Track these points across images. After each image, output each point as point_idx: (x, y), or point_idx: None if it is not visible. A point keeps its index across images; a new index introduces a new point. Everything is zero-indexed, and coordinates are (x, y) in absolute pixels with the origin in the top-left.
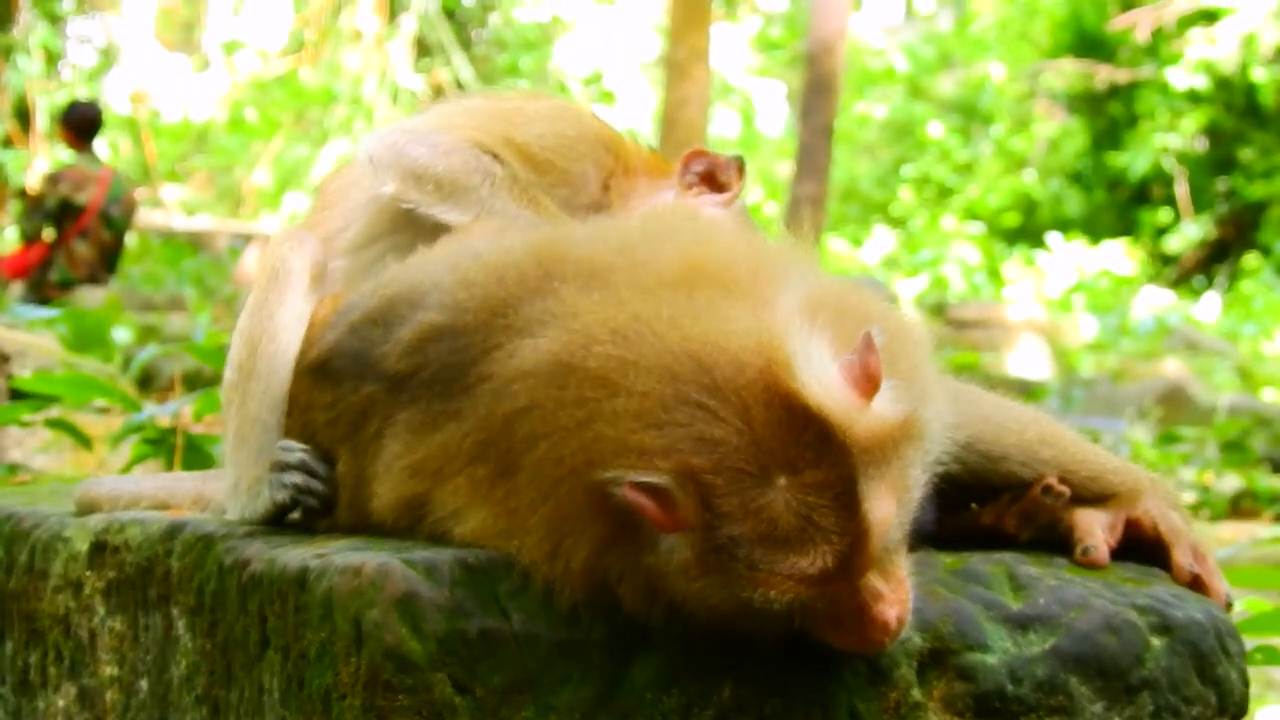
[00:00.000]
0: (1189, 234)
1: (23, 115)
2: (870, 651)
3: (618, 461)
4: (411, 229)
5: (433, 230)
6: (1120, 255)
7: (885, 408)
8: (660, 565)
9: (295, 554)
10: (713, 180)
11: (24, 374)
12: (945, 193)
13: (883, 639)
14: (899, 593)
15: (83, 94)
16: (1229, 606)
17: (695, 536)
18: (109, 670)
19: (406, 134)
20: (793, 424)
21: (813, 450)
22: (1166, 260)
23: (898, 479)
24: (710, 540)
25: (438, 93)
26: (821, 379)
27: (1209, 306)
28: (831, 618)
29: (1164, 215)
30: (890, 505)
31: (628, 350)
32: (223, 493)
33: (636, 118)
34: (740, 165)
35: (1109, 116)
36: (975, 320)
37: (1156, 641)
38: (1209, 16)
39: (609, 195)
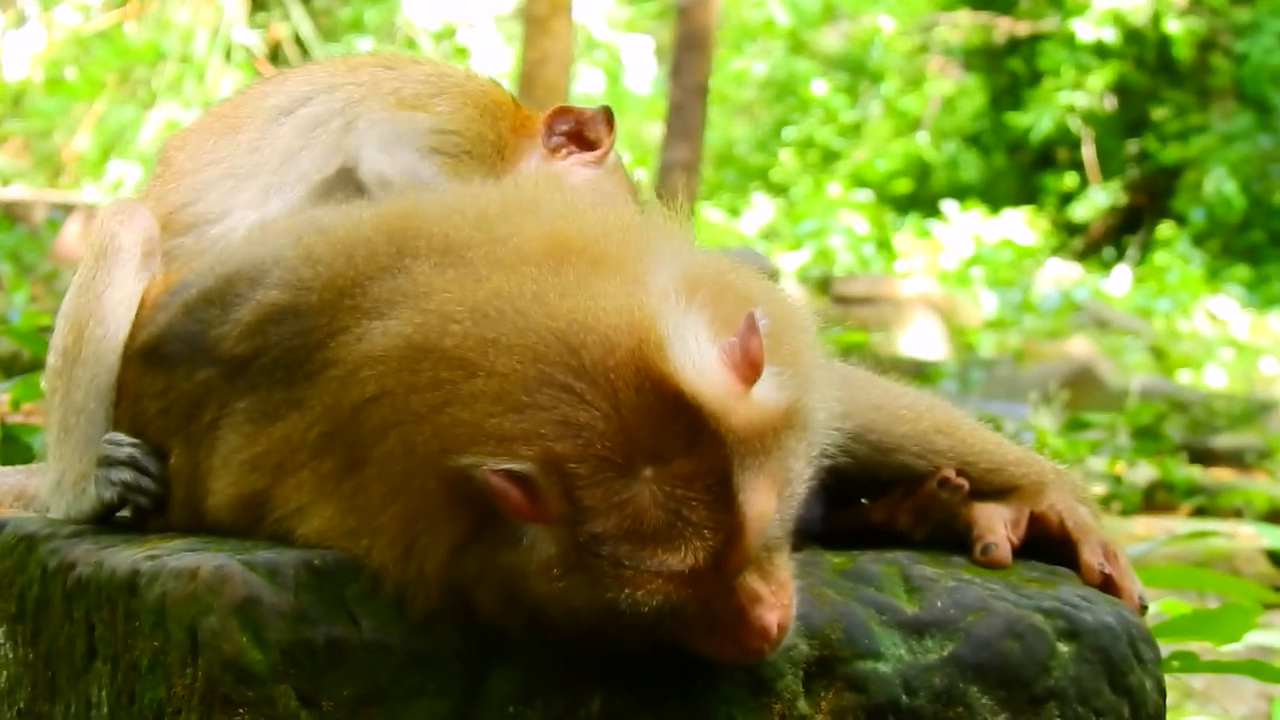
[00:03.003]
0: (1097, 201)
1: None
2: (750, 661)
3: (475, 448)
4: (277, 200)
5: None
6: (1022, 225)
7: (766, 395)
8: (520, 564)
9: (125, 556)
10: (580, 138)
11: None
12: (830, 157)
13: (762, 646)
14: (781, 596)
15: None
16: (1143, 609)
17: (559, 530)
18: None
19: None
20: (664, 411)
21: (683, 439)
22: (1073, 230)
23: (778, 471)
24: (573, 535)
25: (275, 49)
26: (697, 363)
27: (1119, 280)
28: (706, 624)
29: (1070, 181)
30: (769, 499)
31: (487, 329)
32: (45, 489)
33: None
34: (608, 117)
35: (1009, 73)
36: (864, 296)
37: (1064, 648)
38: None
39: (505, 163)
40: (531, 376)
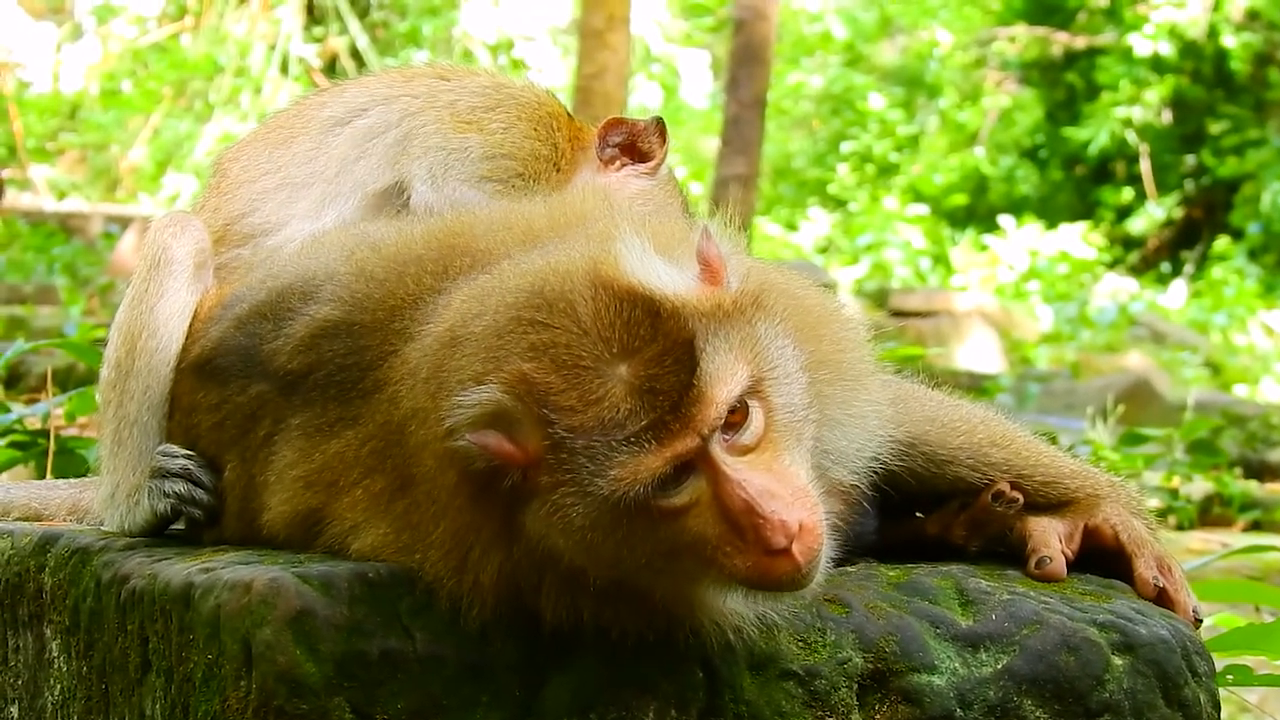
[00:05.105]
0: (1154, 215)
1: None
2: (783, 574)
3: (455, 405)
4: (332, 211)
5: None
6: (1079, 239)
7: (729, 284)
8: (544, 528)
9: (179, 568)
10: (633, 150)
11: None
12: (887, 171)
13: (783, 541)
14: (801, 499)
15: None
16: (1197, 623)
17: (546, 455)
18: None
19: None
20: (623, 309)
21: (647, 327)
22: (1129, 244)
23: (749, 344)
24: (555, 444)
25: (331, 62)
26: (650, 265)
27: (1176, 294)
28: (723, 532)
29: (1126, 195)
30: (737, 362)
31: (474, 304)
32: (99, 502)
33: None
34: (661, 128)
35: (1066, 87)
36: (920, 310)
37: (1118, 661)
38: None
39: (562, 175)
40: (502, 324)
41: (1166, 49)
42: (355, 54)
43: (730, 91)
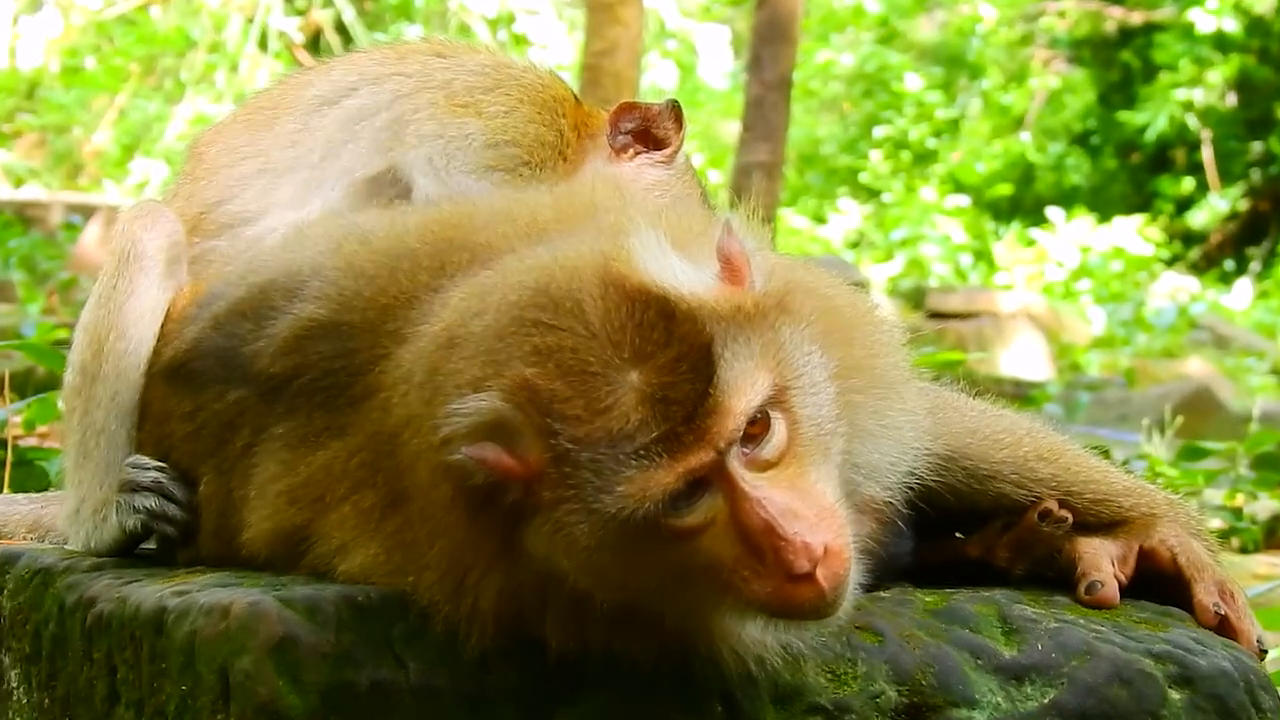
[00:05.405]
0: (1217, 208)
1: None
2: (806, 602)
3: (451, 413)
4: (318, 199)
5: (355, 206)
6: (1134, 233)
7: (751, 284)
8: (542, 542)
9: (151, 591)
10: (648, 136)
11: None
12: (924, 159)
13: (806, 565)
14: (826, 520)
15: None
16: (1262, 654)
17: (549, 468)
18: None
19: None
20: (636, 311)
21: (662, 331)
22: (1190, 239)
23: (771, 350)
24: (558, 457)
25: (314, 38)
26: (665, 263)
27: (1240, 295)
28: (741, 553)
29: (1186, 185)
30: (759, 371)
31: (473, 303)
32: (63, 518)
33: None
34: (677, 112)
35: (1120, 67)
36: (961, 311)
37: (1176, 695)
38: None
39: (569, 165)
40: (503, 325)
41: (1231, 25)
42: (341, 29)
43: (753, 71)
